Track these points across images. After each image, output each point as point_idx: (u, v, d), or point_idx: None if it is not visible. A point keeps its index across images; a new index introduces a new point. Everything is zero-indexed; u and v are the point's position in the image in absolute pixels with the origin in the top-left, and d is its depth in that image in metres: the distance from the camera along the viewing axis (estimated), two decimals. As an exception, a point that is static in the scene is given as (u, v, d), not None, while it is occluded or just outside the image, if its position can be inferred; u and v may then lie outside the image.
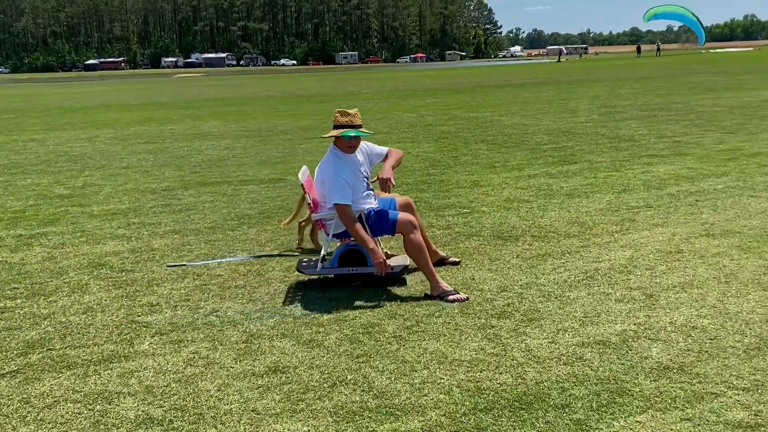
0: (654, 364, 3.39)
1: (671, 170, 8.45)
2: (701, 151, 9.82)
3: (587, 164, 9.22)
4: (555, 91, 24.95)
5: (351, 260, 4.79)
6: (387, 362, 3.56)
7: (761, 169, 8.21)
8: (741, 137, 10.91)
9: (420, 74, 55.69)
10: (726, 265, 4.85)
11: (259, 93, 33.43)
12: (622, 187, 7.65)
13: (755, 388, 3.10)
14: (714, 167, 8.53)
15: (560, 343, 3.69)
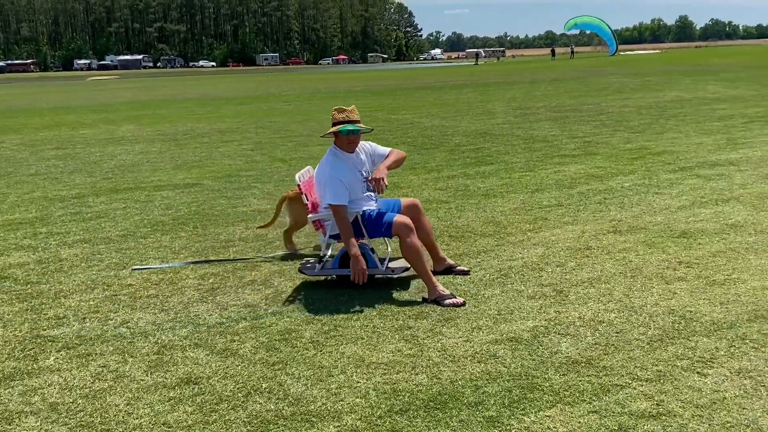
0: (563, 358, 3.49)
1: (582, 169, 8.75)
2: (610, 150, 10.21)
3: (503, 165, 9.43)
4: (474, 93, 25.43)
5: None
6: (303, 368, 3.53)
7: (666, 167, 8.60)
8: (647, 137, 11.40)
9: (342, 76, 55.70)
10: (632, 261, 5.05)
11: (177, 95, 32.63)
12: (536, 186, 7.86)
13: (657, 378, 3.24)
14: (622, 166, 8.88)
15: (475, 342, 3.75)
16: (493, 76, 41.25)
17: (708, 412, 2.91)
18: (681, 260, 4.99)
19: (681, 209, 6.47)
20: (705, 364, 3.35)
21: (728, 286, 4.42)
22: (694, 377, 3.23)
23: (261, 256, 5.62)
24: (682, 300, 4.22)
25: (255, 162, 10.71)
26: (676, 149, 9.93)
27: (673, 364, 3.37)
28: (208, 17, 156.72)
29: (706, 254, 5.09)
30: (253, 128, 15.91)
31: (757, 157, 8.92)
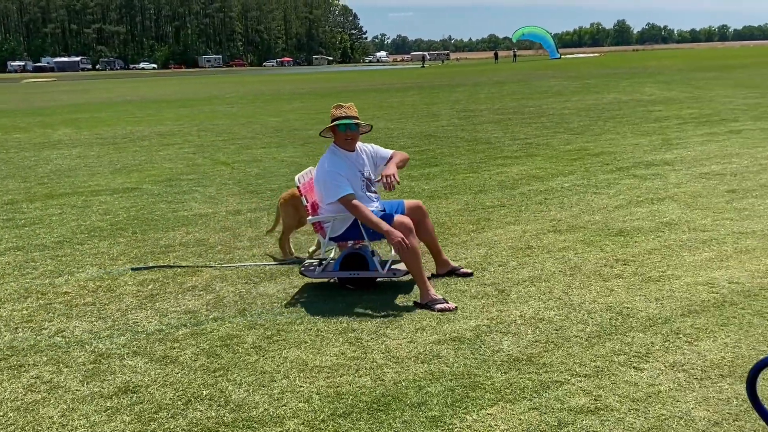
0: (505, 356, 3.54)
1: (523, 170, 8.90)
2: (550, 151, 10.41)
3: (447, 166, 9.51)
4: (419, 95, 25.60)
5: (353, 264, 4.66)
6: (245, 374, 3.48)
7: (604, 168, 8.82)
8: (586, 138, 11.67)
9: (286, 78, 55.34)
10: (571, 259, 5.15)
11: (116, 98, 31.86)
12: (479, 187, 7.96)
13: (596, 374, 3.31)
14: (562, 167, 9.06)
15: (419, 342, 3.77)
16: (437, 78, 41.62)
17: (644, 406, 2.99)
18: (618, 258, 5.12)
19: (618, 208, 6.64)
20: (641, 359, 3.44)
21: (663, 283, 4.55)
22: (631, 372, 3.31)
23: (276, 261, 5.45)
24: (619, 297, 4.33)
25: (196, 165, 10.53)
26: (613, 150, 10.20)
27: (611, 359, 3.45)
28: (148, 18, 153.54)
29: (641, 252, 5.24)
30: (195, 131, 15.65)
31: (691, 157, 9.23)
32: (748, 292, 4.30)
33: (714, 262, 4.92)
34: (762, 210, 6.30)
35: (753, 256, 5.01)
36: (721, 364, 3.35)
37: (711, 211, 6.36)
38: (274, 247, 5.78)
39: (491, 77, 38.89)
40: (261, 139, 13.59)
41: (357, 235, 4.62)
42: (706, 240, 5.46)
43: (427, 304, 4.28)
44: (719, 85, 22.58)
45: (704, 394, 3.06)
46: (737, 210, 6.35)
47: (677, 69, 36.81)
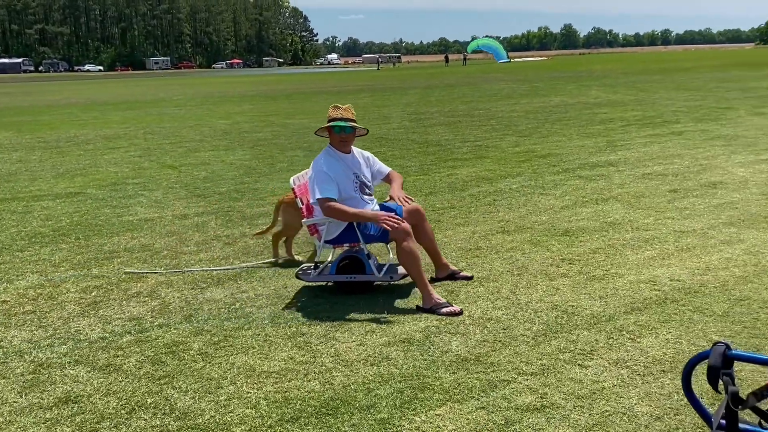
0: (453, 357, 3.56)
1: (473, 172, 8.99)
2: (499, 153, 10.54)
3: (398, 169, 9.49)
4: (370, 98, 25.64)
5: (350, 267, 4.58)
6: (191, 381, 3.41)
7: (550, 169, 8.97)
8: (534, 140, 11.86)
9: (236, 80, 54.74)
10: (518, 259, 5.22)
11: (60, 101, 31.02)
12: (429, 189, 8.01)
13: (542, 372, 3.36)
14: (510, 168, 9.19)
15: (368, 345, 3.76)
16: (389, 81, 41.75)
17: (588, 403, 3.05)
18: (564, 257, 5.21)
19: (564, 209, 6.76)
20: (585, 356, 3.51)
21: (607, 281, 4.65)
22: (576, 369, 3.37)
23: (278, 259, 5.40)
24: (565, 295, 4.40)
25: (143, 169, 10.32)
26: (560, 152, 10.38)
27: (556, 357, 3.51)
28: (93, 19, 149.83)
29: (586, 251, 5.34)
30: (142, 134, 15.34)
31: (634, 158, 9.46)
32: (688, 289, 4.42)
33: (656, 260, 5.05)
34: (702, 209, 6.49)
35: (693, 254, 5.16)
36: (663, 359, 3.44)
37: (653, 210, 6.53)
38: (222, 251, 5.70)
39: (442, 80, 39.21)
40: (209, 142, 13.41)
41: (353, 238, 4.56)
42: (648, 239, 5.60)
43: (432, 308, 4.19)
44: (662, 88, 23.23)
45: (646, 390, 3.14)
46: (678, 209, 6.53)
47: (622, 72, 37.74)
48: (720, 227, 5.85)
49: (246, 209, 7.32)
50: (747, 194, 7.03)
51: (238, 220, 6.83)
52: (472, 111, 18.04)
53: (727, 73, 31.58)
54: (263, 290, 4.72)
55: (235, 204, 7.59)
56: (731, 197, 6.93)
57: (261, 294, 4.66)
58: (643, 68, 42.97)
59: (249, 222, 6.73)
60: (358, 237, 4.52)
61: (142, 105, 26.13)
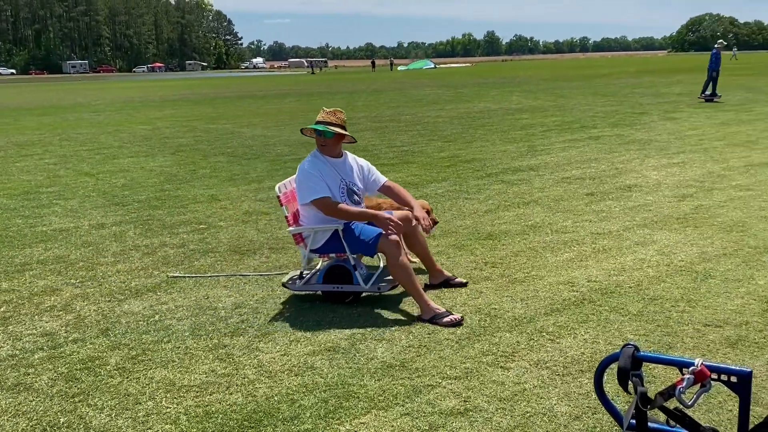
0: (379, 363, 3.55)
1: (399, 177, 9.03)
2: (425, 158, 10.65)
3: (324, 174, 9.48)
4: (296, 103, 25.47)
5: (337, 277, 4.43)
6: (107, 398, 3.28)
7: (474, 174, 9.12)
8: (459, 145, 12.04)
9: (158, 84, 53.37)
10: (443, 263, 5.26)
11: (-32, 105, 29.45)
12: (355, 195, 7.99)
13: (465, 375, 3.39)
14: (436, 173, 9.29)
15: (292, 355, 3.71)
16: (315, 86, 41.58)
17: (510, 405, 3.09)
18: (487, 261, 5.29)
19: (487, 213, 6.88)
20: (507, 358, 3.57)
21: (528, 283, 4.75)
22: (498, 371, 3.42)
23: None
24: (488, 298, 4.47)
25: (58, 177, 9.91)
26: (483, 156, 10.58)
27: (480, 360, 3.55)
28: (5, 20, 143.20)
29: (509, 254, 5.45)
30: (58, 140, 14.74)
31: (554, 163, 9.73)
32: (605, 289, 4.57)
33: (574, 262, 5.20)
34: (617, 211, 6.73)
35: (609, 255, 5.34)
36: (581, 359, 3.53)
37: (572, 213, 6.73)
38: (141, 261, 5.52)
39: (369, 85, 39.35)
40: (129, 148, 13.00)
41: (338, 248, 4.43)
42: (567, 241, 5.75)
43: (432, 319, 4.07)
44: (580, 94, 24.03)
45: (566, 390, 3.21)
46: (595, 212, 6.75)
47: (542, 79, 38.84)
48: (634, 229, 6.07)
49: (166, 217, 7.12)
50: (659, 196, 7.34)
51: (158, 229, 6.64)
52: (398, 116, 18.17)
53: (641, 80, 32.95)
54: (183, 301, 4.60)
55: (155, 212, 7.37)
56: (645, 199, 7.22)
57: (181, 305, 4.53)
58: (562, 75, 44.34)
59: (170, 231, 6.55)
60: (344, 247, 4.39)
61: (58, 110, 25.12)
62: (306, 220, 4.50)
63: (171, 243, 6.11)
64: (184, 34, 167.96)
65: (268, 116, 19.66)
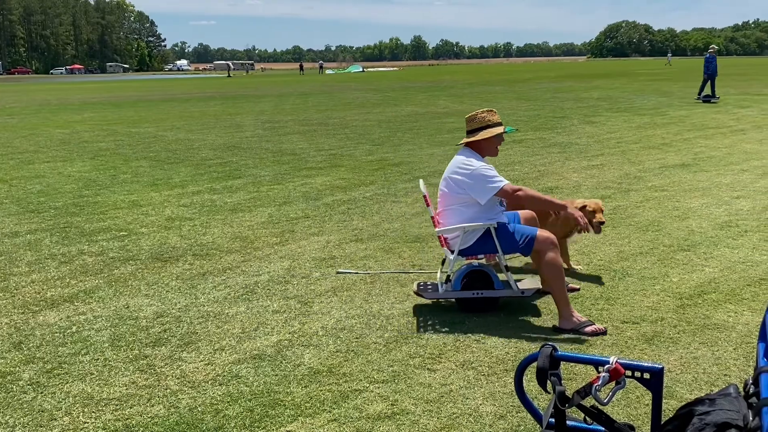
0: (306, 370, 3.52)
1: (327, 181, 9.01)
2: (353, 162, 10.65)
3: (251, 178, 9.36)
4: (222, 105, 25.05)
5: (477, 282, 4.18)
6: (20, 415, 3.12)
7: (402, 177, 9.18)
8: (386, 149, 12.10)
9: (77, 86, 51.48)
10: (371, 267, 5.27)
11: None
12: (283, 199, 7.92)
13: (393, 379, 3.40)
14: (364, 177, 9.30)
15: (217, 364, 3.63)
16: (242, 88, 41.02)
17: (437, 406, 3.12)
18: (414, 263, 5.33)
19: (415, 215, 6.93)
20: (434, 360, 3.59)
21: (455, 285, 4.80)
22: (425, 374, 3.44)
23: None
24: (416, 301, 4.50)
25: (-33, 183, 9.41)
26: (411, 160, 10.66)
27: (407, 363, 3.56)
28: None
29: (435, 256, 5.50)
30: (-33, 145, 14.00)
31: (480, 165, 9.89)
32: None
33: (500, 263, 5.29)
34: (540, 213, 6.89)
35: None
36: (506, 359, 3.60)
37: (497, 215, 6.85)
38: (57, 271, 5.30)
39: (296, 88, 39.10)
40: (45, 153, 12.48)
41: (489, 248, 4.12)
42: (493, 243, 5.85)
43: (575, 329, 3.86)
44: (504, 98, 24.56)
45: (491, 390, 3.26)
46: (519, 213, 6.89)
47: (468, 83, 39.53)
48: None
49: (85, 225, 6.86)
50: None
51: (75, 236, 6.38)
52: (326, 120, 18.12)
53: (562, 84, 33.98)
54: (103, 311, 4.44)
55: (72, 219, 7.09)
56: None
57: (100, 315, 4.37)
58: (487, 79, 45.25)
59: (88, 238, 6.31)
60: (495, 246, 4.09)
61: (-34, 113, 23.88)
62: (453, 220, 4.20)
63: (89, 251, 5.89)
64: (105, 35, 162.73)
65: (192, 119, 19.25)
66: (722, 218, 6.48)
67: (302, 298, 4.62)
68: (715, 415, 1.80)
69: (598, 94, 25.62)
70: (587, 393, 1.87)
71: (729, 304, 4.30)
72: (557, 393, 1.91)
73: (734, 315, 4.12)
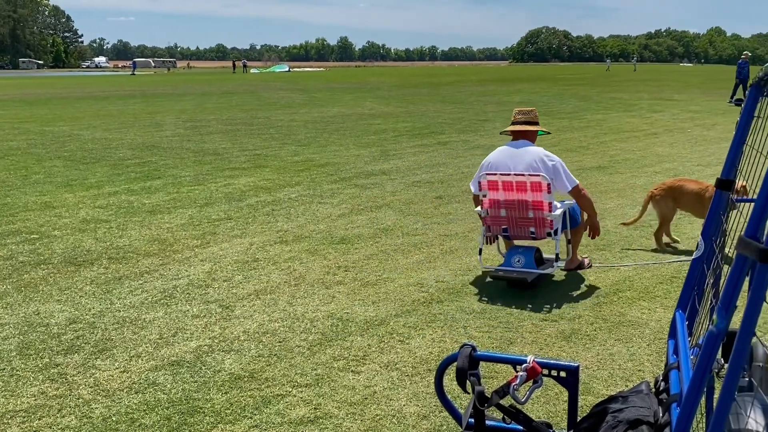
0: (226, 376, 3.43)
1: (251, 182, 8.86)
2: (279, 162, 10.52)
3: (171, 179, 9.11)
4: (142, 104, 24.31)
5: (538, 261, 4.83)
6: None
7: (328, 178, 9.13)
8: (313, 149, 12.02)
9: (-14, 83, 48.96)
10: (296, 269, 5.21)
11: None
12: (205, 200, 7.74)
13: (316, 382, 3.35)
14: (289, 177, 9.20)
15: (133, 371, 3.49)
16: (162, 86, 39.92)
17: (360, 409, 3.10)
18: (340, 265, 5.30)
19: (341, 217, 6.91)
20: (359, 362, 3.57)
21: (379, 286, 4.80)
22: (349, 376, 3.41)
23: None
24: (340, 303, 4.47)
25: None
26: (337, 161, 10.62)
27: (331, 366, 3.53)
28: None
29: (361, 258, 5.49)
30: None
31: (405, 167, 9.96)
32: (452, 289, 4.72)
33: (423, 263, 5.33)
34: (463, 214, 6.99)
35: (456, 255, 5.53)
36: (429, 359, 3.61)
37: (421, 216, 6.90)
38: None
39: (219, 87, 38.37)
40: (-51, 152, 11.77)
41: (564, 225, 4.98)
42: (417, 243, 5.89)
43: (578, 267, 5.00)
44: (429, 101, 24.84)
45: (414, 390, 3.27)
46: (443, 214, 6.97)
47: (394, 85, 39.77)
48: (479, 230, 6.32)
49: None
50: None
51: (-19, 240, 6.04)
52: (251, 119, 17.84)
53: (485, 88, 34.65)
54: (10, 318, 4.21)
55: (-22, 222, 6.71)
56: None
57: (8, 323, 4.14)
58: (412, 82, 45.66)
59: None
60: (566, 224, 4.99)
61: None
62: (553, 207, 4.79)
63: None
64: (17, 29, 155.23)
65: (110, 118, 18.60)
66: (636, 218, 6.74)
67: (223, 302, 4.51)
68: (628, 412, 1.85)
69: (520, 98, 26.25)
70: (505, 392, 1.89)
71: (642, 301, 4.47)
72: (476, 393, 1.93)
73: (647, 312, 4.27)
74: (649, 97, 25.80)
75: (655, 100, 24.33)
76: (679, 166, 9.94)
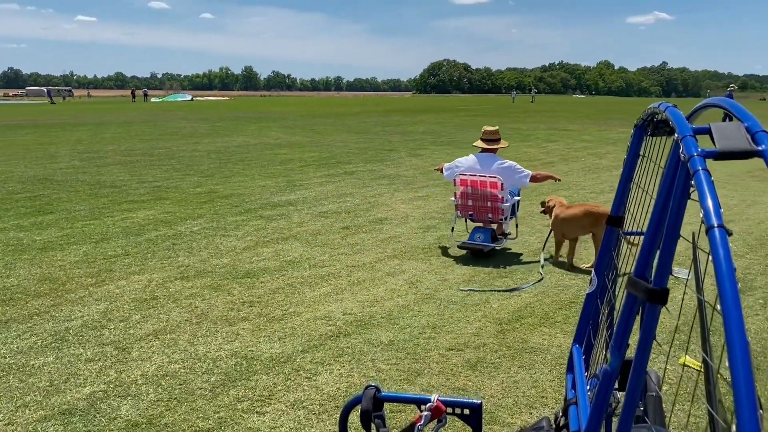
0: (123, 423, 3.25)
1: (151, 215, 8.55)
2: (180, 194, 10.23)
3: (65, 213, 8.67)
4: (33, 135, 23.13)
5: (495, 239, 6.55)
6: None
7: (233, 210, 8.95)
8: (216, 180, 11.77)
9: None
10: (198, 306, 5.04)
11: None
12: (101, 235, 7.39)
13: (219, 426, 3.23)
14: (191, 210, 8.95)
15: (19, 423, 3.25)
16: (57, 116, 38.19)
17: (266, 451, 2.99)
18: (245, 300, 5.17)
19: (246, 250, 6.76)
20: (264, 402, 3.47)
21: (286, 321, 4.71)
22: (254, 417, 3.31)
23: None
24: (245, 340, 4.35)
25: None
26: (242, 192, 10.44)
27: (234, 407, 3.41)
28: None
29: (267, 292, 5.38)
30: None
31: (312, 197, 9.91)
32: (359, 321, 4.69)
33: (331, 295, 5.28)
34: (370, 244, 7.01)
35: (363, 287, 5.51)
36: (337, 395, 3.56)
37: (329, 247, 6.86)
38: None
39: (118, 116, 37.11)
40: None
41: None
42: (324, 275, 5.84)
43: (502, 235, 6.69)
44: (336, 131, 24.94)
45: (321, 429, 3.20)
46: (350, 245, 6.96)
47: (300, 115, 39.74)
48: (386, 260, 6.35)
49: None
50: (407, 228, 7.79)
51: None
52: (151, 150, 17.31)
53: (390, 118, 35.18)
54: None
55: None
56: (395, 231, 7.62)
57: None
58: (318, 112, 45.80)
59: None
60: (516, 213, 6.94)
61: None
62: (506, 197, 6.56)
63: None
64: None
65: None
66: (535, 245, 6.95)
67: (120, 344, 4.29)
68: (531, 449, 1.87)
69: (423, 128, 26.80)
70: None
71: (544, 327, 4.59)
72: (381, 435, 1.90)
73: (548, 337, 4.39)
74: (545, 127, 26.95)
75: (550, 130, 25.42)
76: (574, 193, 10.38)
